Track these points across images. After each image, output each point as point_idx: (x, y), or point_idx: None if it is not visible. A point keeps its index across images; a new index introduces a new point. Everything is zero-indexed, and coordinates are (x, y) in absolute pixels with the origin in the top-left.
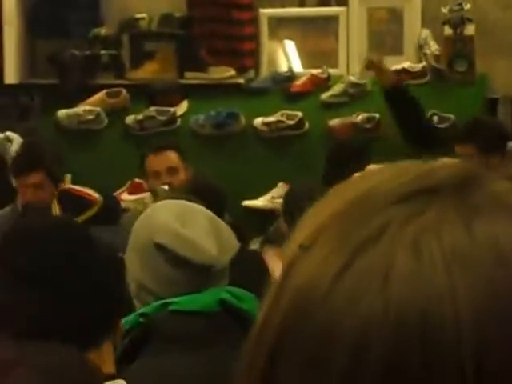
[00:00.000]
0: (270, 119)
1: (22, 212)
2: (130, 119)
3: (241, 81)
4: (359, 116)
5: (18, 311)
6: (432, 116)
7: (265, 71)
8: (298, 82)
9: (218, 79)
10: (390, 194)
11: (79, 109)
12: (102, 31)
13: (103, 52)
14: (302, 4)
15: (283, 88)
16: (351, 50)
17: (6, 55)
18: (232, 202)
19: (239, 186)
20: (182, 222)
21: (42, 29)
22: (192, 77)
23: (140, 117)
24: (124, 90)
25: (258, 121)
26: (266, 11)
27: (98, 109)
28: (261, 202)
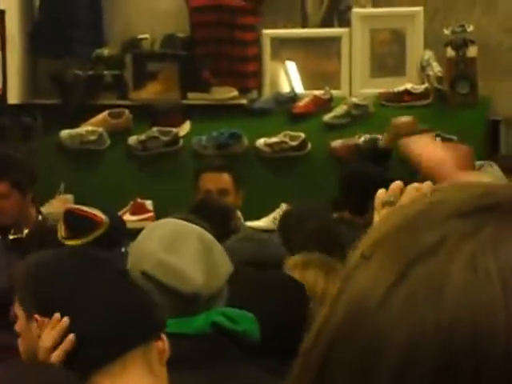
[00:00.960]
0: (273, 140)
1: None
2: (132, 140)
3: (243, 101)
4: (361, 137)
5: None
6: (435, 138)
7: (267, 92)
8: (301, 103)
9: (221, 100)
10: (449, 210)
11: (82, 129)
12: (105, 51)
13: (106, 72)
14: (304, 25)
15: (286, 109)
16: (354, 71)
17: (8, 75)
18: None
19: (241, 207)
20: (169, 247)
21: (45, 48)
22: (195, 97)
23: (143, 137)
24: (127, 111)
25: (261, 142)
26: (268, 32)
27: (100, 129)
28: (263, 222)
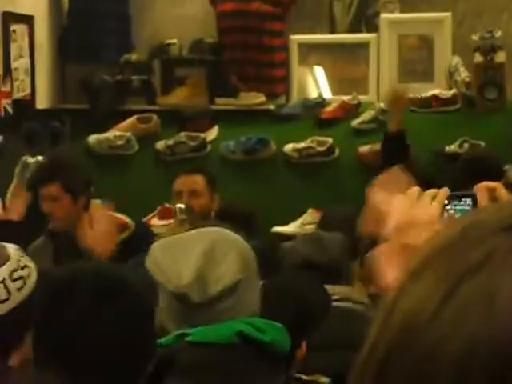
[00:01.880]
0: (301, 145)
1: (50, 238)
2: (160, 144)
3: (271, 107)
4: None
5: None
6: (462, 143)
7: (295, 97)
8: (329, 109)
9: (249, 105)
10: (491, 227)
11: (110, 134)
12: (133, 57)
13: (134, 77)
14: (332, 30)
15: (313, 114)
16: (381, 76)
17: (37, 81)
18: (261, 228)
19: (269, 212)
20: (168, 250)
21: (74, 54)
22: (222, 103)
23: (170, 142)
24: (155, 116)
25: (289, 147)
26: (296, 37)
27: (128, 134)
28: (291, 228)
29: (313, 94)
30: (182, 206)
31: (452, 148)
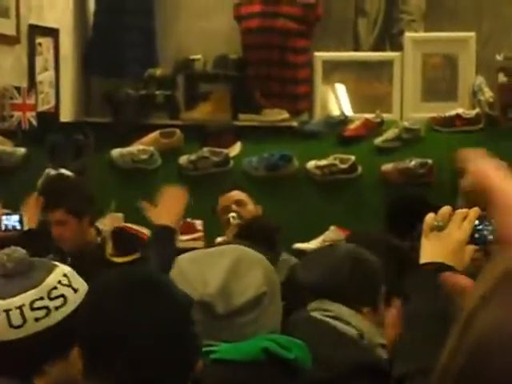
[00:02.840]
0: (323, 162)
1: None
2: (183, 159)
3: (294, 124)
4: (412, 161)
5: None
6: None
7: (318, 115)
8: (352, 126)
9: (272, 122)
10: None
11: (133, 148)
12: (158, 71)
13: (158, 92)
14: (356, 48)
15: (336, 132)
16: (405, 95)
17: (62, 93)
18: (283, 245)
19: (291, 229)
20: (194, 263)
21: (98, 68)
22: (246, 119)
23: (193, 157)
24: (178, 131)
25: (311, 164)
26: (320, 54)
27: (151, 148)
28: (312, 245)
29: (336, 111)
30: (233, 214)
31: None
